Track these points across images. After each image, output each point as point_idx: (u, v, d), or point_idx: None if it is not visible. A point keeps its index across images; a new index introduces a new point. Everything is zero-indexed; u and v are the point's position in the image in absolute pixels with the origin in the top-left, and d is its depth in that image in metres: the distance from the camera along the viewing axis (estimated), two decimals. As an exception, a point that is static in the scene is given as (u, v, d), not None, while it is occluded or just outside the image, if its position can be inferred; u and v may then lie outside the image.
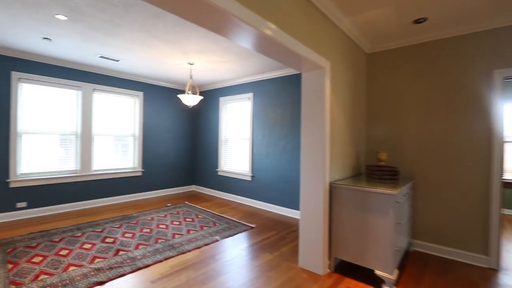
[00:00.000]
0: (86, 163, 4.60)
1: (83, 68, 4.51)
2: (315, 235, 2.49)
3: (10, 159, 3.85)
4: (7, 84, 3.82)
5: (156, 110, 5.60)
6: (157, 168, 5.62)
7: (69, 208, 4.41)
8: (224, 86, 5.58)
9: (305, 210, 2.57)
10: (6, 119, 3.82)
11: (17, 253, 2.80)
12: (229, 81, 5.40)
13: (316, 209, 2.48)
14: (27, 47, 3.64)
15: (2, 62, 3.78)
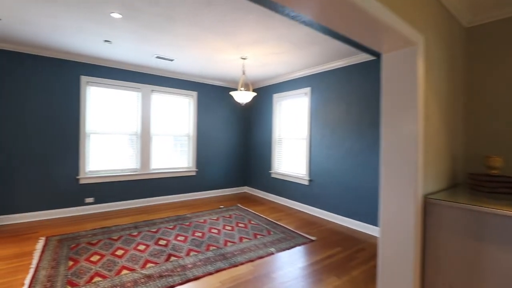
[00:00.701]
0: (145, 162, 4.73)
1: (142, 70, 4.64)
2: (401, 266, 1.90)
3: (80, 158, 4.14)
4: (77, 88, 4.11)
5: (209, 109, 5.52)
6: (210, 168, 5.55)
7: (129, 205, 4.59)
8: (278, 82, 5.19)
9: (387, 230, 1.99)
10: (77, 120, 4.11)
11: (79, 250, 2.88)
12: (283, 76, 4.98)
13: (404, 231, 1.88)
14: (92, 52, 3.83)
15: (73, 68, 4.07)
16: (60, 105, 3.98)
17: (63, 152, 4.02)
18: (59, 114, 3.97)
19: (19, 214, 3.73)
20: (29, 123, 3.77)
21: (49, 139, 3.91)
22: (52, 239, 3.16)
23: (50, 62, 3.89)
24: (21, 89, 3.70)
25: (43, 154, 3.87)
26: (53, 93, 3.92)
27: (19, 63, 3.68)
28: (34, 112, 3.80)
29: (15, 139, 3.68)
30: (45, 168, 3.89)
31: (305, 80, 4.62)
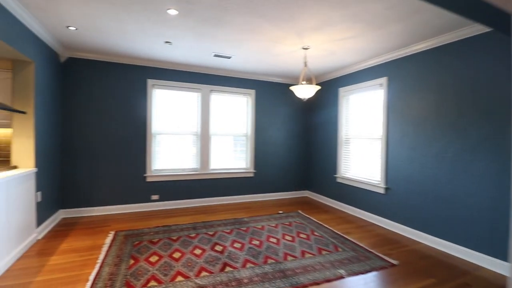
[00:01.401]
0: (205, 162, 4.73)
1: (201, 71, 4.66)
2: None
3: (147, 157, 4.35)
4: (144, 91, 4.33)
5: (268, 108, 5.24)
6: (268, 169, 5.26)
7: (189, 204, 4.64)
8: (345, 73, 4.57)
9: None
10: (144, 122, 4.33)
11: (141, 248, 2.91)
12: (351, 67, 4.34)
13: None
14: (156, 55, 3.96)
15: (141, 72, 4.31)
16: (130, 108, 4.25)
17: (133, 152, 4.28)
18: (129, 117, 4.25)
19: (96, 207, 4.10)
20: (104, 125, 4.11)
21: (121, 140, 4.21)
22: (119, 234, 3.31)
23: (121, 68, 4.18)
24: (97, 94, 4.07)
25: (116, 153, 4.19)
26: (124, 97, 4.21)
27: (94, 70, 4.05)
28: (109, 115, 4.13)
29: (93, 140, 4.06)
30: (118, 167, 4.20)
31: (380, 68, 3.91)
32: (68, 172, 3.96)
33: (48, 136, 3.44)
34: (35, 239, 3.06)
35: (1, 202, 2.41)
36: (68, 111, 3.93)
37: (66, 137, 3.94)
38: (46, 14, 2.72)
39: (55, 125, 3.69)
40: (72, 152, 3.97)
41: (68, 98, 3.93)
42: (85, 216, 4.00)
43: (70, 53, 3.88)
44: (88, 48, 3.74)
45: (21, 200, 2.79)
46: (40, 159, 3.22)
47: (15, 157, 3.01)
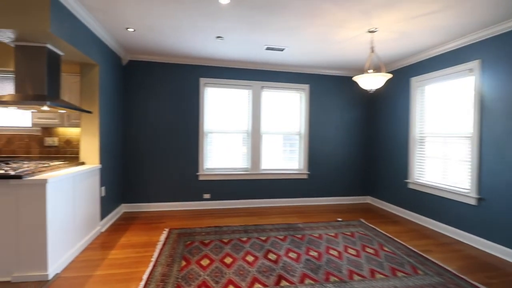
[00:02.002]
0: (256, 162, 4.53)
1: (252, 67, 4.47)
2: None
3: (199, 156, 4.35)
4: (197, 90, 4.33)
5: (324, 103, 4.80)
6: (324, 171, 4.81)
7: (239, 204, 4.50)
8: (419, 60, 3.87)
9: None
10: (197, 121, 4.33)
11: (192, 249, 2.82)
12: (429, 51, 3.64)
13: None
14: (207, 52, 3.89)
15: (193, 71, 4.31)
16: (185, 107, 4.29)
17: (187, 150, 4.31)
18: (183, 116, 4.29)
19: (153, 203, 4.23)
20: (161, 124, 4.22)
21: (175, 138, 4.28)
22: (173, 232, 3.30)
23: (175, 68, 4.25)
24: (154, 95, 4.20)
25: (171, 152, 4.27)
26: (178, 96, 4.27)
27: (151, 71, 4.18)
28: (164, 115, 4.24)
29: (150, 139, 4.21)
30: (173, 165, 4.28)
31: (470, 50, 3.16)
32: (129, 168, 4.17)
33: (110, 134, 3.64)
34: (98, 231, 3.23)
35: (69, 195, 2.56)
36: (128, 111, 4.14)
37: (127, 136, 4.15)
38: (107, 16, 2.81)
39: (117, 124, 3.90)
40: (132, 149, 4.17)
41: (128, 98, 4.14)
42: (143, 211, 4.16)
43: (131, 56, 4.08)
44: (146, 50, 3.86)
45: (87, 194, 2.96)
46: (104, 156, 3.40)
47: (83, 154, 3.22)
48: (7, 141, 3.76)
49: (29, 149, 3.80)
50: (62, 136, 3.87)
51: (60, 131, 3.86)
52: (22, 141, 3.79)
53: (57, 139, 3.85)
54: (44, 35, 2.29)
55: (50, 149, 3.85)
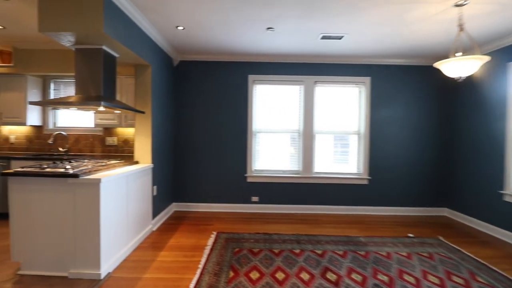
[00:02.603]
0: (308, 164, 4.15)
1: (304, 60, 4.10)
2: None
3: (247, 156, 4.15)
4: (245, 88, 4.14)
5: (388, 98, 4.17)
6: (388, 176, 4.18)
7: (290, 210, 4.17)
8: (523, 38, 3.02)
9: None
10: (245, 120, 4.14)
11: (241, 257, 2.60)
12: (541, 25, 2.80)
13: None
14: (257, 47, 3.65)
15: (242, 68, 4.14)
16: (233, 106, 4.15)
17: (235, 151, 4.16)
18: (232, 115, 4.15)
19: (202, 203, 4.18)
20: (209, 124, 4.15)
21: (224, 138, 4.16)
22: (221, 236, 3.15)
23: (224, 66, 4.12)
24: (203, 94, 4.14)
25: (220, 152, 4.17)
26: (227, 95, 4.14)
27: (201, 71, 4.13)
28: (213, 114, 4.15)
29: (199, 139, 4.16)
30: (221, 165, 4.17)
31: None
32: (179, 168, 4.19)
33: (162, 134, 3.67)
34: (150, 230, 3.25)
35: (122, 194, 2.57)
36: (179, 111, 4.17)
37: (177, 135, 4.18)
38: (158, 16, 2.78)
39: (168, 124, 3.93)
40: (182, 149, 4.18)
41: (179, 99, 4.16)
42: (192, 211, 4.14)
43: (181, 56, 4.09)
44: (195, 49, 3.81)
45: (140, 193, 2.98)
46: (156, 155, 3.43)
47: (137, 153, 3.28)
48: (75, 141, 4.09)
49: (93, 148, 4.08)
50: (120, 136, 4.07)
51: (119, 131, 4.06)
52: (87, 140, 4.08)
53: (116, 139, 4.06)
54: (98, 36, 2.31)
55: (110, 148, 4.08)
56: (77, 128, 4.10)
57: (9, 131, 4.12)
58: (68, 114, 4.17)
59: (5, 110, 3.79)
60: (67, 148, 4.07)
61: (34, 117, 3.92)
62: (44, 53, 3.70)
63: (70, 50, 3.61)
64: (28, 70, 3.71)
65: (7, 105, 3.78)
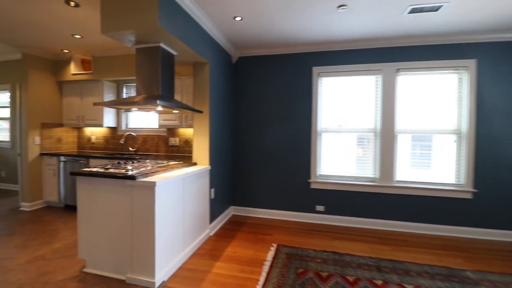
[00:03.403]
0: (387, 171, 3.42)
1: (383, 44, 3.39)
2: None
3: (311, 159, 3.66)
4: (309, 81, 3.66)
5: (502, 87, 3.12)
6: (503, 189, 3.13)
7: (363, 224, 3.50)
8: None
9: None
10: (309, 117, 3.66)
11: (306, 282, 2.16)
12: None
13: None
14: (323, 33, 3.14)
15: (305, 60, 3.66)
16: (294, 103, 3.72)
17: (297, 153, 3.72)
18: (293, 113, 3.73)
19: (260, 209, 3.87)
20: (269, 123, 3.81)
21: (285, 138, 3.77)
22: (282, 250, 2.76)
23: (285, 59, 3.72)
24: (262, 92, 3.82)
25: (280, 153, 3.79)
26: (288, 91, 3.74)
27: (260, 66, 3.81)
28: (273, 112, 3.80)
29: (258, 140, 3.86)
30: (282, 168, 3.79)
31: None
32: (237, 170, 3.98)
33: (220, 134, 3.49)
34: (207, 235, 3.08)
35: (179, 197, 2.42)
36: (237, 111, 3.95)
37: (235, 136, 3.97)
38: (214, 7, 2.56)
39: (226, 124, 3.74)
40: (240, 150, 3.95)
41: (236, 98, 3.94)
42: (250, 216, 3.87)
43: (240, 52, 3.86)
44: (254, 42, 3.51)
45: (197, 197, 2.82)
46: (214, 156, 3.25)
47: (195, 154, 3.15)
48: (143, 141, 4.28)
49: (158, 148, 4.20)
50: (182, 136, 4.08)
51: (180, 131, 4.08)
52: (153, 141, 4.22)
53: (178, 140, 4.09)
54: (155, 32, 2.20)
55: (173, 148, 4.13)
56: (145, 129, 4.29)
57: (91, 132, 4.59)
58: (137, 116, 4.41)
59: (86, 113, 4.20)
60: (136, 148, 4.29)
61: (109, 119, 4.25)
62: (117, 59, 3.94)
63: (138, 54, 3.74)
64: (104, 75, 4.01)
65: (88, 109, 4.18)
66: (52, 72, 4.25)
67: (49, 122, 4.21)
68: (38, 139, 4.06)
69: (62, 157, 3.96)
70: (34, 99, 3.99)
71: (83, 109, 4.22)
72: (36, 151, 4.04)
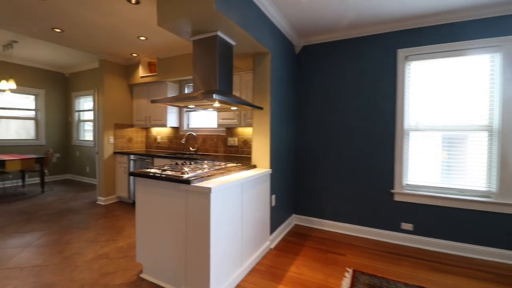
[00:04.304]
0: (508, 182, 2.50)
1: (500, 12, 2.48)
2: None
3: (395, 165, 2.96)
4: (392, 68, 2.96)
5: None
6: None
7: (473, 253, 2.63)
8: None
9: None
10: (391, 113, 2.97)
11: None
12: None
13: None
14: (412, 3, 2.43)
15: (386, 41, 2.98)
16: (371, 96, 3.07)
17: (375, 155, 3.07)
18: (369, 109, 3.08)
19: (327, 220, 3.33)
20: (339, 121, 3.25)
21: (359, 138, 3.15)
22: (360, 278, 2.20)
23: (358, 43, 3.10)
24: (330, 84, 3.28)
25: (352, 156, 3.19)
26: (362, 82, 3.11)
27: (327, 55, 3.27)
28: (344, 108, 3.22)
29: (325, 140, 3.33)
30: (355, 174, 3.18)
31: None
32: (300, 173, 3.52)
33: (282, 133, 3.10)
34: (267, 248, 2.72)
35: (236, 205, 2.11)
36: (301, 108, 3.49)
37: (298, 135, 3.52)
38: (279, -20, 2.18)
39: (288, 123, 3.33)
40: (304, 151, 3.49)
41: (301, 92, 3.49)
42: (316, 228, 3.36)
43: (304, 40, 3.40)
44: (321, 26, 3.00)
45: (257, 204, 2.48)
46: (275, 158, 2.88)
47: (254, 155, 2.83)
48: (203, 141, 4.19)
49: (217, 148, 4.05)
50: (240, 136, 3.83)
51: (239, 131, 3.84)
52: (212, 140, 4.10)
53: (236, 139, 3.86)
54: (211, 17, 1.93)
55: (231, 148, 3.92)
56: (204, 129, 4.20)
57: (156, 132, 4.75)
58: (198, 116, 4.36)
59: (152, 113, 4.33)
60: (196, 148, 4.24)
61: (172, 119, 4.30)
62: (178, 59, 3.94)
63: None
64: (167, 76, 4.06)
65: (153, 109, 4.31)
66: (124, 76, 4.53)
67: (121, 123, 4.49)
68: (112, 139, 4.36)
69: (131, 155, 4.14)
70: (109, 101, 4.29)
71: (149, 110, 4.37)
72: (110, 149, 4.34)
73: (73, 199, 4.52)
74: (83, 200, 4.47)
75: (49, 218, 3.57)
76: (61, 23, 3.03)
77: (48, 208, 4.02)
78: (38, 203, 4.28)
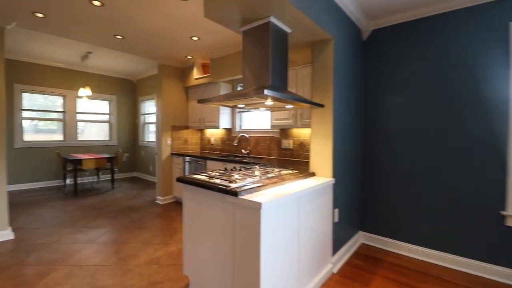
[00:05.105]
0: None
1: None
2: None
3: (508, 178, 2.18)
4: (501, 47, 2.18)
5: None
6: None
7: None
8: None
9: None
10: (503, 107, 2.20)
11: None
12: None
13: None
14: None
15: (492, 12, 2.21)
16: (468, 85, 2.34)
17: (475, 164, 2.33)
18: (466, 102, 2.36)
19: (404, 243, 2.70)
20: (418, 123, 2.59)
21: (448, 145, 2.45)
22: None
23: (447, 19, 2.39)
24: (408, 76, 2.63)
25: (439, 167, 2.50)
26: (455, 67, 2.39)
27: (403, 41, 2.63)
28: (423, 108, 2.55)
29: (400, 144, 2.70)
30: (444, 190, 2.49)
31: None
32: (368, 184, 2.95)
33: (346, 136, 2.61)
34: (329, 272, 2.29)
35: (292, 221, 1.76)
36: (370, 104, 2.93)
37: (366, 138, 2.96)
38: None
39: (355, 123, 2.81)
40: (374, 157, 2.91)
41: (371, 86, 2.92)
42: (389, 251, 2.77)
43: (374, 23, 2.83)
44: (397, 2, 2.41)
45: (316, 220, 2.09)
46: (338, 166, 2.42)
47: (313, 162, 2.43)
48: (255, 143, 3.95)
49: (270, 151, 3.76)
50: (296, 138, 3.46)
51: (294, 132, 3.47)
52: (265, 143, 3.82)
53: (291, 142, 3.50)
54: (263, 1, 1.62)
55: (286, 152, 3.57)
56: (257, 130, 3.96)
57: (210, 134, 4.71)
58: (250, 116, 4.14)
59: (206, 115, 4.28)
60: (249, 150, 4.02)
61: (225, 120, 4.17)
62: (230, 57, 3.78)
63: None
64: (220, 77, 3.94)
65: (207, 111, 4.26)
66: (180, 79, 4.61)
67: (178, 125, 4.58)
68: (170, 140, 4.47)
69: (186, 157, 4.16)
70: (166, 104, 4.41)
71: (203, 112, 4.34)
72: (168, 151, 4.45)
73: (136, 197, 4.80)
74: (144, 198, 4.70)
75: (114, 215, 3.79)
76: (121, 30, 3.14)
77: (115, 204, 4.32)
78: (107, 198, 4.67)
